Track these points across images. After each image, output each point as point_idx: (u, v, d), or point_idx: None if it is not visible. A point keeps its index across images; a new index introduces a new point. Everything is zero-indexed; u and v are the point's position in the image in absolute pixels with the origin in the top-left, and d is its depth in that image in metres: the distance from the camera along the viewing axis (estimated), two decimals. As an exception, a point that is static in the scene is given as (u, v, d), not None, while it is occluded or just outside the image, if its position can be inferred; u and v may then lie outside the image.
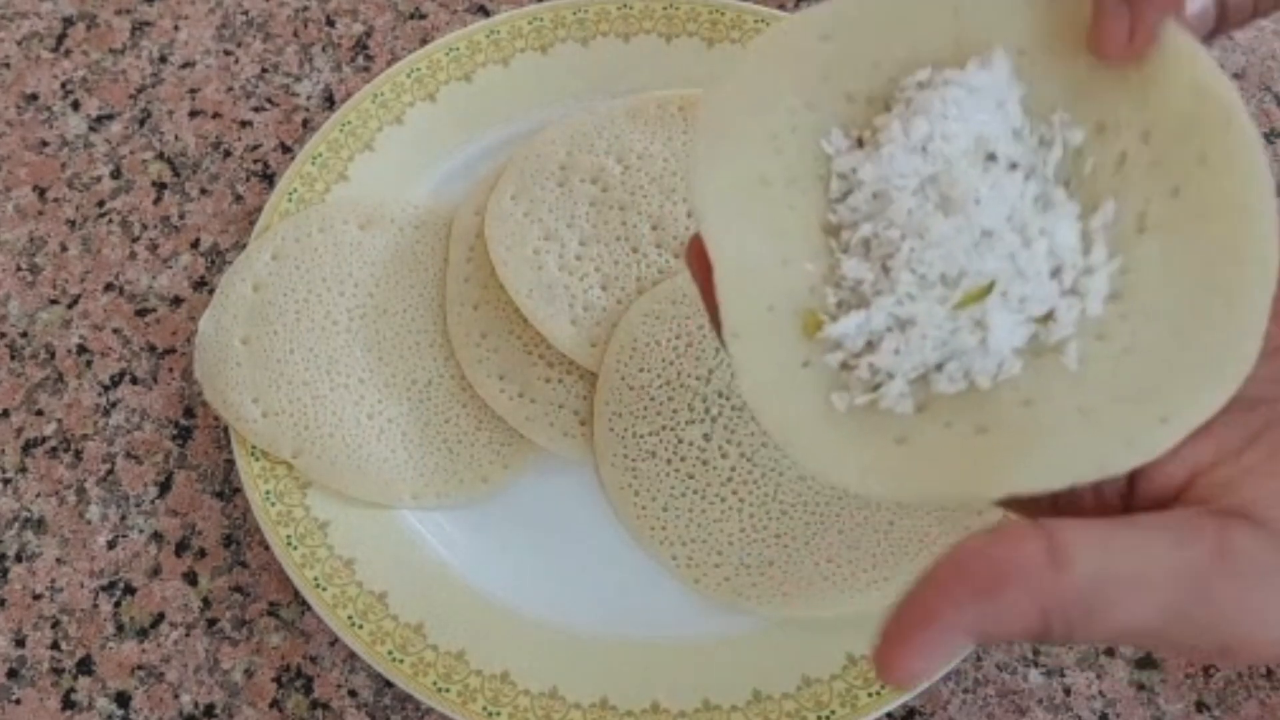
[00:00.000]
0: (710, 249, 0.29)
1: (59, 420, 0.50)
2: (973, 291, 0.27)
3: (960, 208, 0.27)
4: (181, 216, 0.54)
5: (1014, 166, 0.28)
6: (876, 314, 0.27)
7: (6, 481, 0.49)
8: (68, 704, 0.45)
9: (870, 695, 0.42)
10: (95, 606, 0.47)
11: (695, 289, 0.47)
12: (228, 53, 0.57)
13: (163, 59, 0.57)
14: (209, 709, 0.45)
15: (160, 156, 0.55)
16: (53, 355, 0.51)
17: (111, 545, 0.48)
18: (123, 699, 0.45)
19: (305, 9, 0.58)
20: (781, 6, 0.56)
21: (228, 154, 0.55)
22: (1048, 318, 0.27)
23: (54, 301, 0.52)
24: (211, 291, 0.51)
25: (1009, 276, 0.27)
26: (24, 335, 0.51)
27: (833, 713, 0.42)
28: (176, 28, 0.58)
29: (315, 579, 0.44)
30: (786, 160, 0.29)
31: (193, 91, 0.56)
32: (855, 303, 0.28)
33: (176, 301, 0.52)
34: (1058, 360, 0.26)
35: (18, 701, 0.45)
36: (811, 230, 0.29)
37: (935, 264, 0.27)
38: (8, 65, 0.57)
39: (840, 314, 0.28)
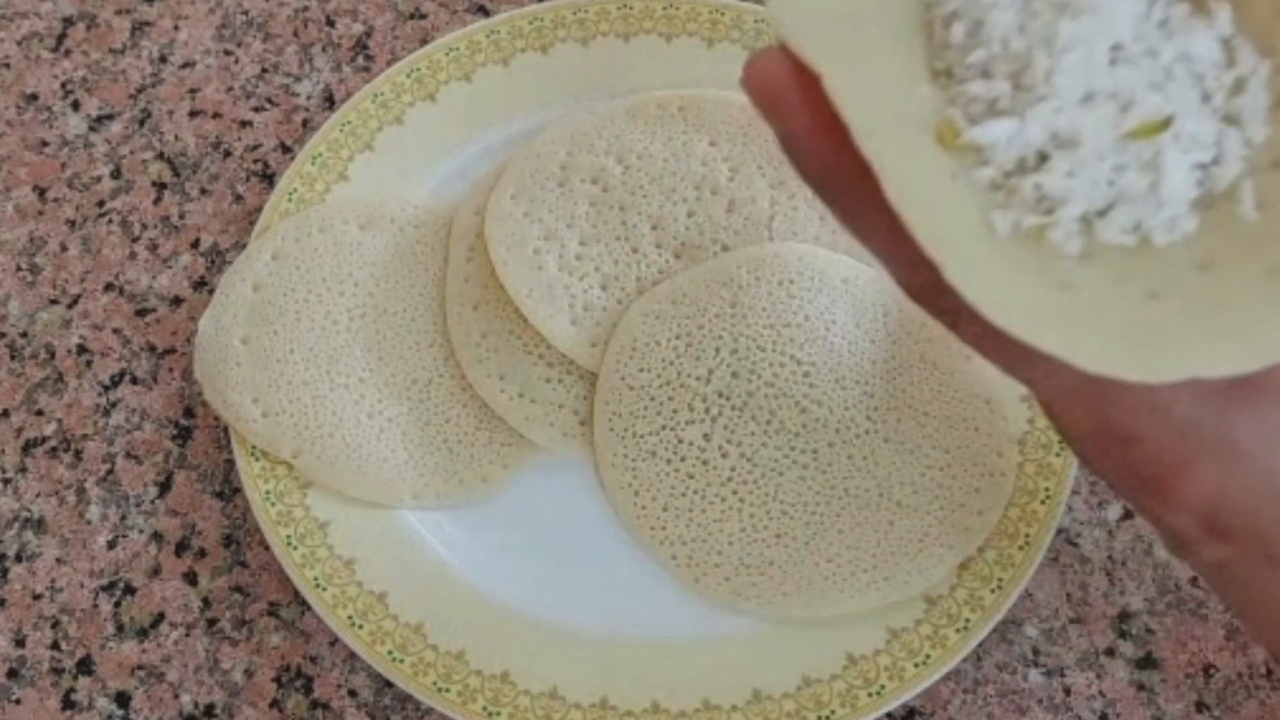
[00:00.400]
0: (810, 57, 0.22)
1: (59, 420, 0.50)
2: (1149, 123, 0.22)
3: (1086, 7, 0.22)
4: (181, 216, 0.54)
5: None
6: (1033, 123, 0.22)
7: (6, 481, 0.49)
8: (68, 704, 0.45)
9: (870, 695, 0.42)
10: (95, 606, 0.47)
11: (695, 287, 0.48)
12: (228, 53, 0.57)
13: (163, 59, 0.57)
14: (209, 709, 0.45)
15: (160, 156, 0.55)
16: (53, 355, 0.51)
17: (111, 545, 0.48)
18: (123, 699, 0.45)
19: (305, 9, 0.58)
20: (781, 6, 0.56)
21: (228, 154, 0.55)
22: (1213, 160, 0.22)
23: (54, 301, 0.52)
24: (211, 291, 0.51)
25: (1183, 107, 0.22)
26: (24, 335, 0.51)
27: (833, 713, 0.42)
28: (176, 28, 0.58)
29: (315, 579, 0.44)
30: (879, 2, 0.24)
31: (193, 91, 0.56)
32: (994, 115, 0.23)
33: (176, 301, 0.52)
34: (1232, 211, 0.22)
35: (18, 701, 0.45)
36: (917, 71, 0.24)
37: (1078, 74, 0.22)
38: (8, 65, 0.57)
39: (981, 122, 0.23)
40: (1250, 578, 0.26)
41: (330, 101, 0.56)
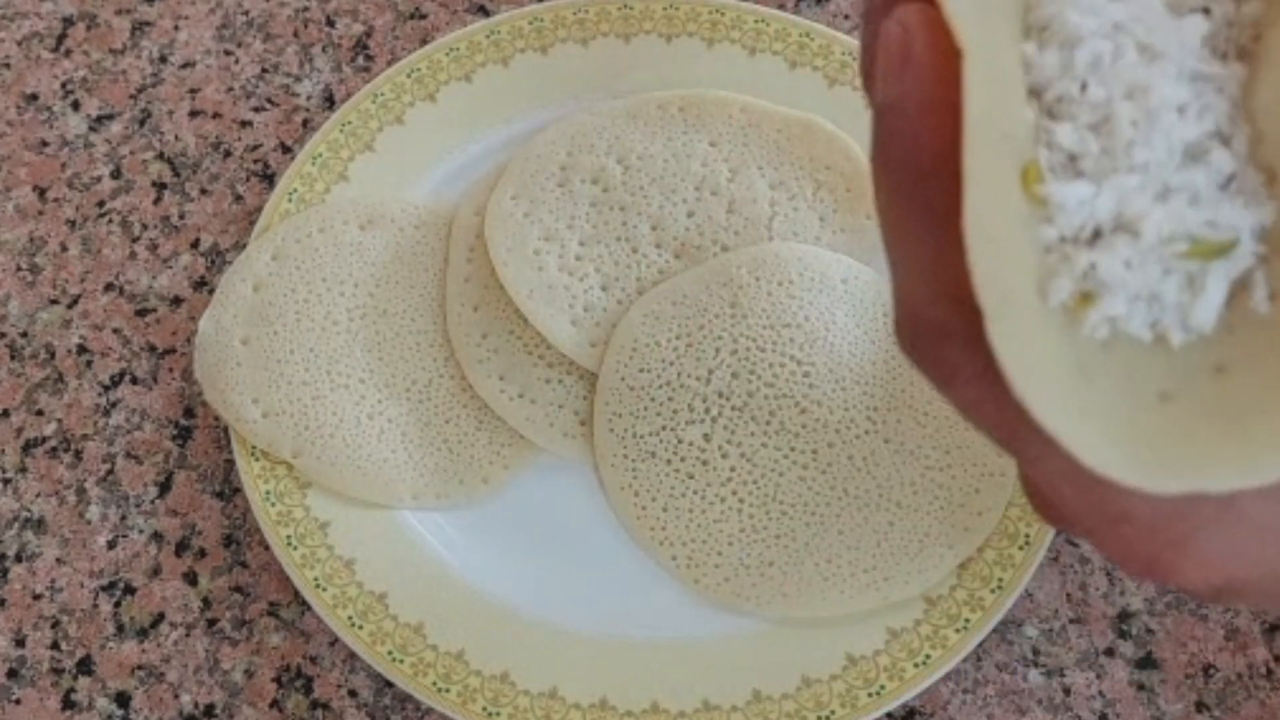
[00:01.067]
0: (961, 33, 0.20)
1: (59, 420, 0.50)
2: (1213, 244, 0.20)
3: (1161, 51, 0.21)
4: (181, 216, 0.54)
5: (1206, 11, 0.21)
6: (1106, 193, 0.20)
7: (6, 481, 0.49)
8: (68, 704, 0.45)
9: (870, 695, 0.42)
10: (95, 606, 0.47)
11: (695, 287, 0.48)
12: (228, 53, 0.57)
13: (163, 59, 0.57)
14: (209, 709, 0.45)
15: (160, 156, 0.55)
16: (53, 355, 0.51)
17: (111, 545, 0.48)
18: (123, 699, 0.45)
19: (305, 9, 0.58)
20: (781, 6, 0.56)
21: (228, 154, 0.55)
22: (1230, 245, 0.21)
23: (54, 301, 0.52)
24: (211, 291, 0.51)
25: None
26: (24, 335, 0.51)
27: (833, 713, 0.42)
28: (176, 28, 0.58)
29: (315, 579, 0.44)
30: None
31: (193, 91, 0.56)
32: (1073, 174, 0.21)
33: (176, 301, 0.52)
34: (1244, 304, 0.21)
35: (18, 701, 0.45)
36: (1018, 82, 0.22)
37: (1169, 138, 0.21)
38: (8, 65, 0.57)
39: (1059, 178, 0.21)
40: (1267, 608, 0.24)
41: (330, 101, 0.56)
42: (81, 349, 0.51)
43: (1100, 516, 0.22)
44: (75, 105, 0.56)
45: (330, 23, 0.58)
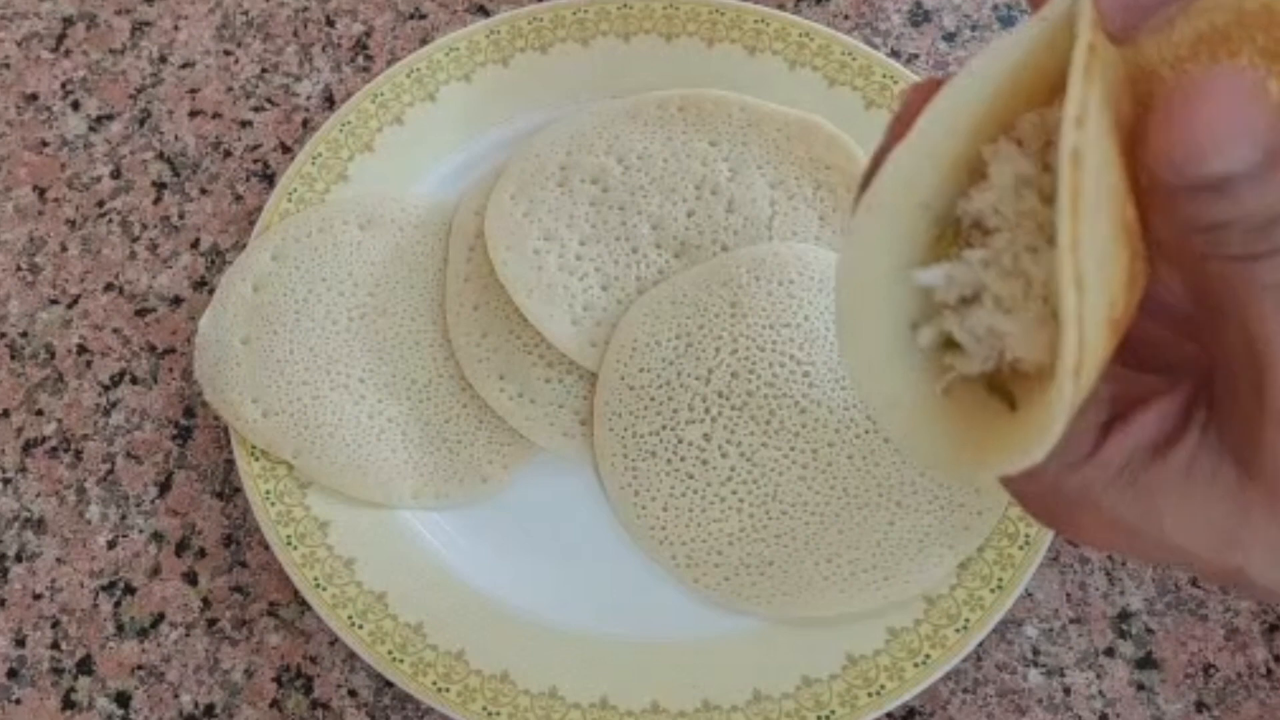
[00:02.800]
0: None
1: (59, 420, 0.50)
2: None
3: None
4: (181, 216, 0.54)
5: None
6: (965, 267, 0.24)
7: (6, 481, 0.49)
8: (68, 704, 0.45)
9: (870, 695, 0.42)
10: (95, 606, 0.47)
11: (695, 287, 0.48)
12: (228, 53, 0.57)
13: (163, 59, 0.57)
14: (209, 709, 0.45)
15: (160, 156, 0.55)
16: (53, 355, 0.51)
17: (111, 545, 0.48)
18: (123, 699, 0.45)
19: (305, 9, 0.58)
20: (781, 6, 0.56)
21: (228, 154, 0.55)
22: None
23: (54, 301, 0.52)
24: (211, 291, 0.51)
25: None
26: (24, 335, 0.51)
27: (833, 713, 0.42)
28: (176, 28, 0.58)
29: (315, 579, 0.44)
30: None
31: (193, 91, 0.56)
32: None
33: (176, 301, 0.52)
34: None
35: (18, 701, 0.45)
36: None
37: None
38: (8, 65, 0.57)
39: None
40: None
41: (330, 101, 0.56)
42: (81, 349, 0.51)
43: (1011, 493, 0.28)
44: (75, 105, 0.56)
45: (330, 23, 0.58)
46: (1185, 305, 0.26)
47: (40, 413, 0.50)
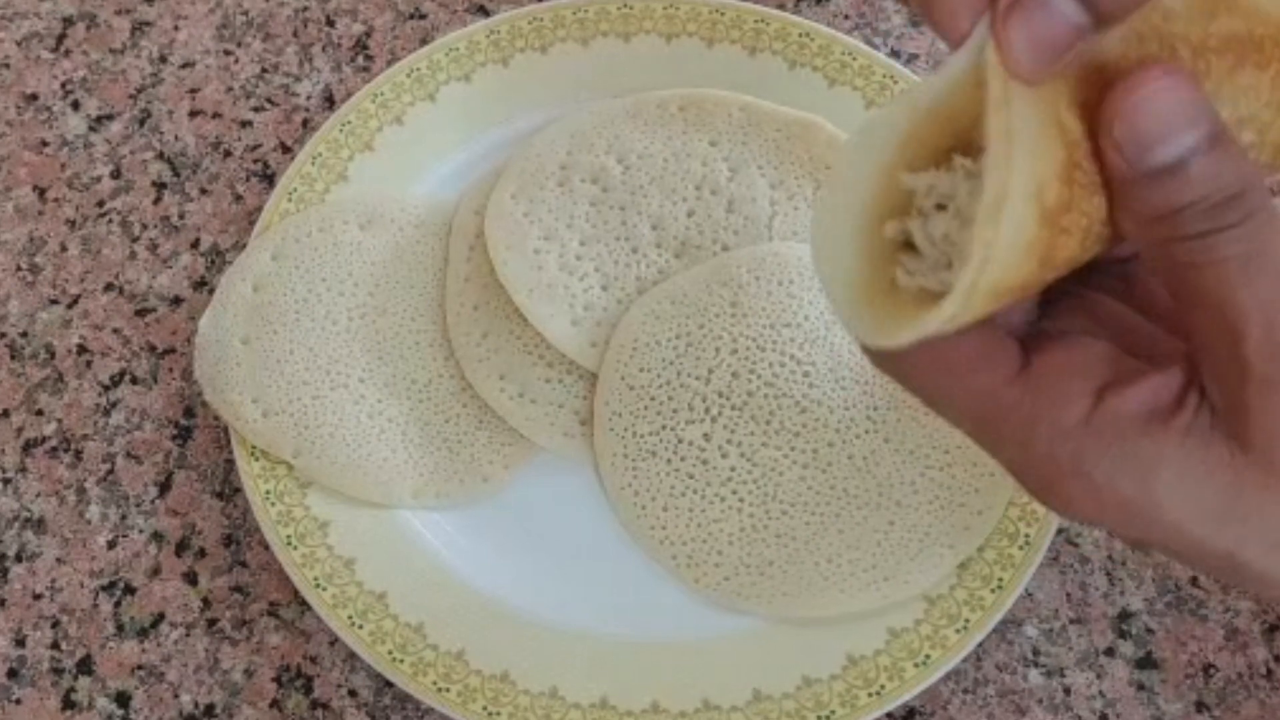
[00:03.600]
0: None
1: (59, 420, 0.50)
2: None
3: None
4: (181, 216, 0.54)
5: None
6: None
7: (6, 481, 0.49)
8: (68, 704, 0.45)
9: (870, 695, 0.42)
10: (95, 606, 0.47)
11: (695, 287, 0.48)
12: (228, 53, 0.57)
13: (163, 59, 0.57)
14: (209, 709, 0.45)
15: (160, 156, 0.55)
16: (53, 355, 0.51)
17: (111, 545, 0.48)
18: (123, 699, 0.45)
19: (305, 9, 0.58)
20: (781, 6, 0.56)
21: (228, 154, 0.55)
22: None
23: (54, 301, 0.52)
24: (211, 291, 0.51)
25: None
26: (24, 335, 0.51)
27: (833, 713, 0.42)
28: (176, 28, 0.58)
29: (315, 579, 0.44)
30: None
31: (193, 91, 0.56)
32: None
33: (176, 301, 0.52)
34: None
35: (18, 701, 0.45)
36: None
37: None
38: (8, 65, 0.57)
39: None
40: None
41: (330, 101, 0.56)
42: (81, 349, 0.51)
43: (1005, 465, 0.28)
44: (75, 105, 0.56)
45: (330, 23, 0.58)
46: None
47: (40, 413, 0.50)
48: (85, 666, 0.46)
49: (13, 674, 0.46)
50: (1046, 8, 0.23)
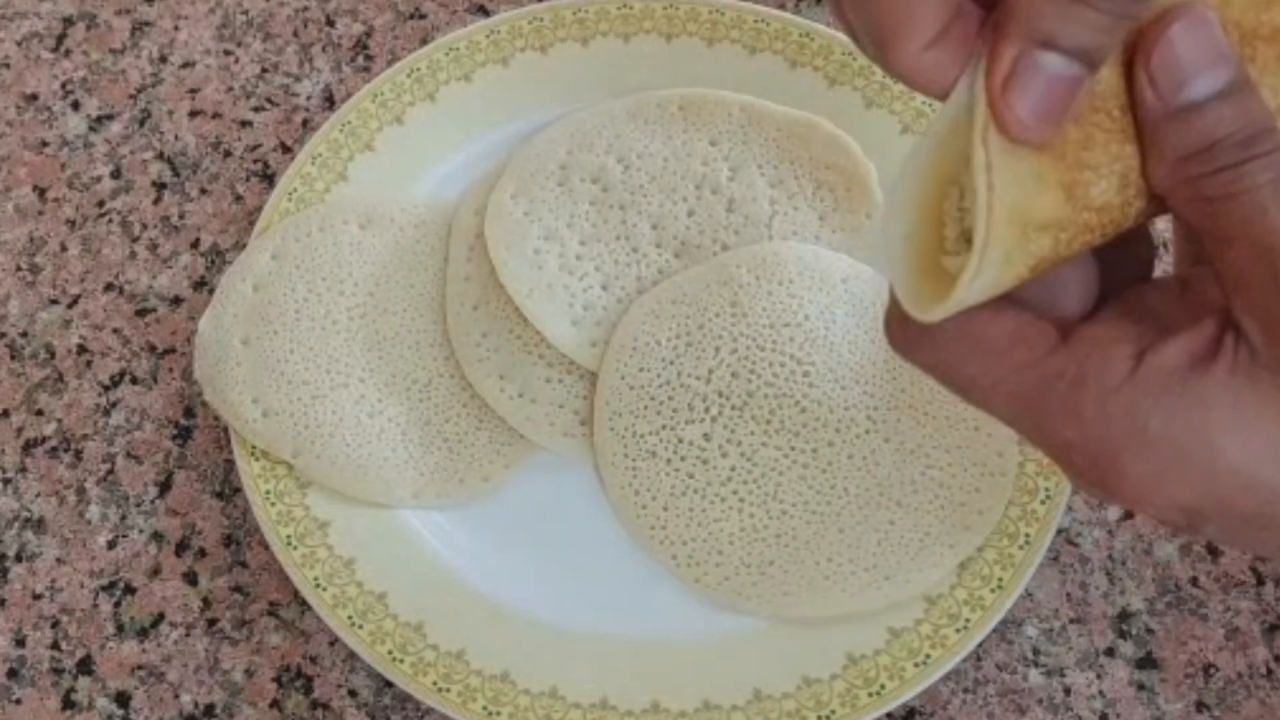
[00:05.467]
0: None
1: (59, 420, 0.50)
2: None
3: None
4: (181, 216, 0.54)
5: None
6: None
7: (6, 481, 0.49)
8: (68, 704, 0.45)
9: (870, 695, 0.42)
10: (95, 606, 0.47)
11: (695, 287, 0.48)
12: (228, 53, 0.57)
13: (163, 59, 0.57)
14: (209, 709, 0.45)
15: (160, 156, 0.55)
16: (53, 355, 0.51)
17: (111, 545, 0.48)
18: (123, 699, 0.45)
19: (305, 9, 0.58)
20: (781, 6, 0.56)
21: (228, 154, 0.55)
22: None
23: (54, 301, 0.52)
24: (211, 291, 0.51)
25: None
26: (24, 335, 0.51)
27: (833, 713, 0.42)
28: (176, 28, 0.58)
29: (315, 579, 0.44)
30: None
31: (193, 91, 0.56)
32: None
33: (176, 301, 0.52)
34: None
35: (18, 701, 0.45)
36: None
37: None
38: (8, 65, 0.57)
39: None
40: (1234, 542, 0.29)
41: (330, 101, 0.56)
42: (81, 349, 0.51)
43: (1053, 451, 0.27)
44: (75, 105, 0.56)
45: (330, 23, 0.58)
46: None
47: (40, 413, 0.50)
48: (85, 666, 0.46)
49: (13, 674, 0.46)
50: (1041, 72, 0.24)
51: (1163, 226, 0.42)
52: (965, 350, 0.27)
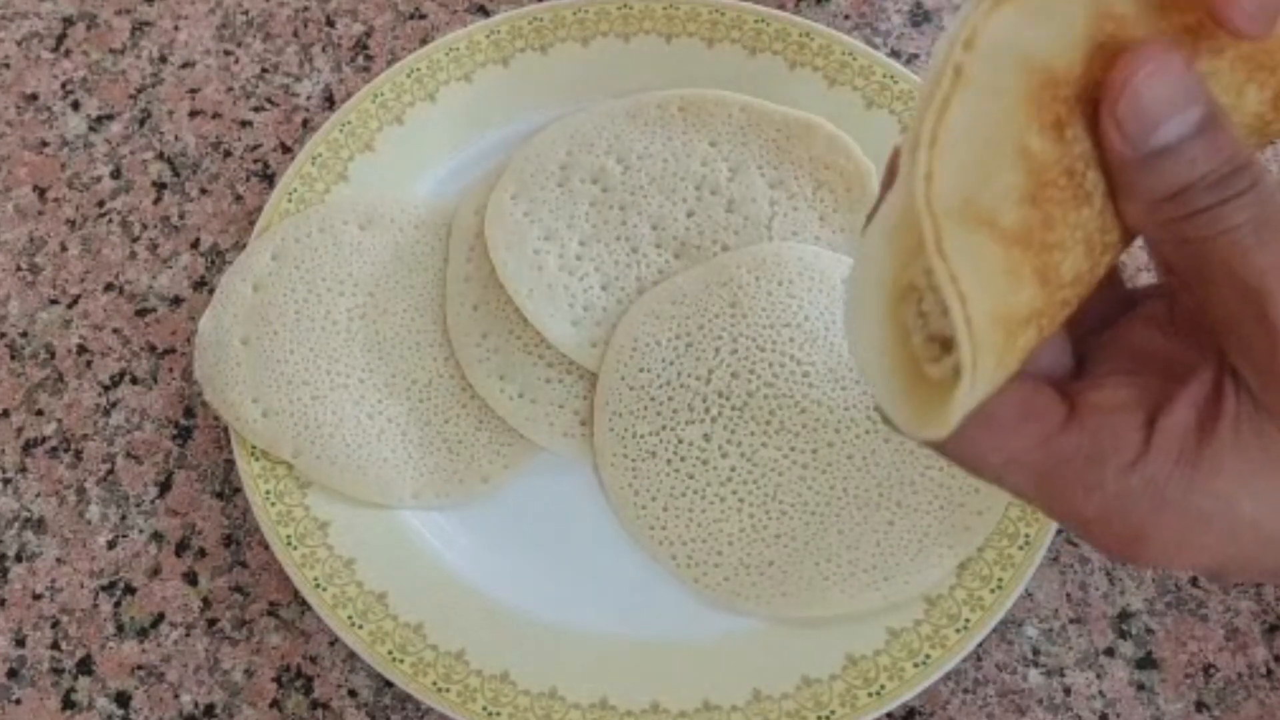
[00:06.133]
0: None
1: (59, 420, 0.50)
2: None
3: None
4: (181, 216, 0.54)
5: None
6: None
7: (6, 481, 0.49)
8: (68, 704, 0.45)
9: (870, 695, 0.42)
10: (95, 606, 0.47)
11: (695, 287, 0.48)
12: (228, 53, 0.57)
13: (163, 59, 0.57)
14: (209, 709, 0.45)
15: (160, 156, 0.55)
16: (53, 355, 0.51)
17: (111, 545, 0.48)
18: (123, 699, 0.45)
19: (305, 9, 0.58)
20: (781, 6, 0.56)
21: (228, 154, 0.55)
22: None
23: (54, 301, 0.52)
24: (211, 291, 0.51)
25: None
26: (24, 335, 0.51)
27: (833, 713, 0.42)
28: (176, 28, 0.58)
29: (315, 579, 0.44)
30: None
31: (193, 91, 0.56)
32: None
33: (176, 301, 0.52)
34: None
35: (18, 701, 0.45)
36: None
37: None
38: (8, 65, 0.57)
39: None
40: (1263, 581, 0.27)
41: (330, 101, 0.56)
42: (81, 349, 0.51)
43: (1069, 523, 0.27)
44: (75, 105, 0.56)
45: (330, 23, 0.58)
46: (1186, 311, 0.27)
47: (40, 413, 0.50)
48: (85, 666, 0.46)
49: (13, 674, 0.46)
50: None
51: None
52: (972, 429, 0.26)
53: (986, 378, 0.24)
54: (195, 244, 0.53)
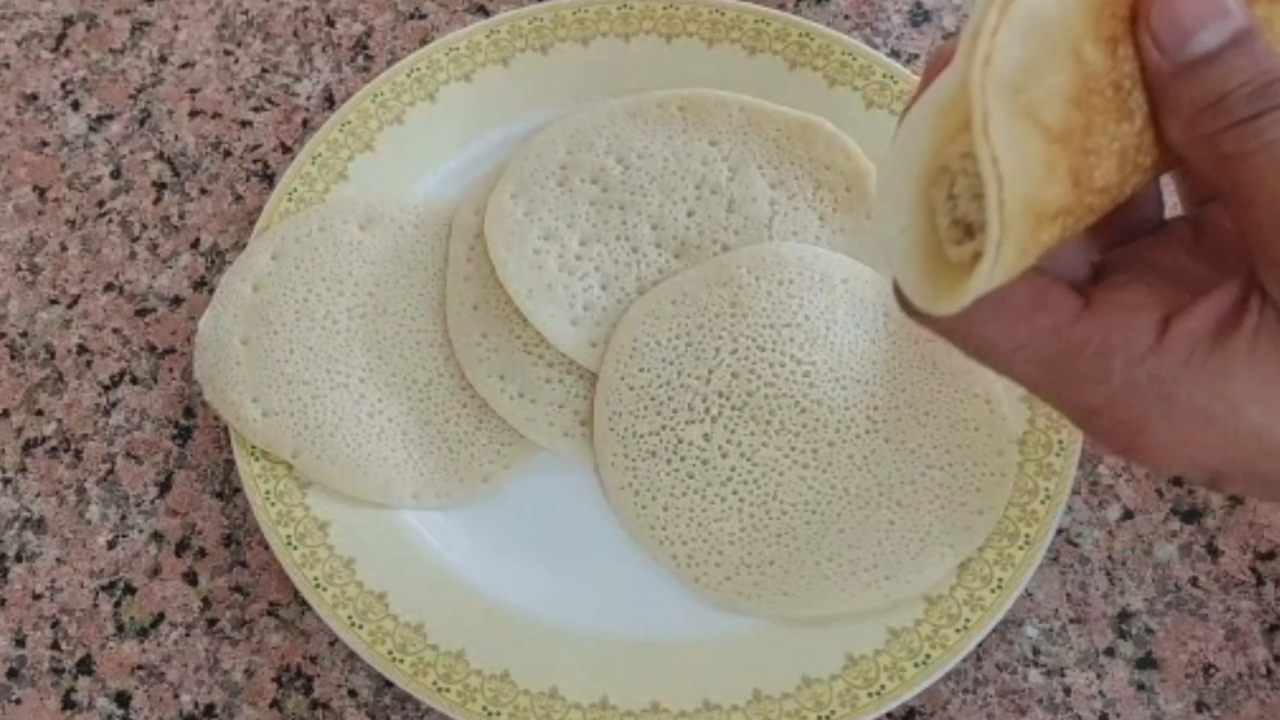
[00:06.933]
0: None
1: (59, 420, 0.50)
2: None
3: None
4: (181, 216, 0.54)
5: None
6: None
7: (6, 481, 0.49)
8: (68, 704, 0.45)
9: (870, 695, 0.42)
10: (95, 606, 0.47)
11: (695, 287, 0.48)
12: (228, 53, 0.57)
13: (163, 59, 0.57)
14: (209, 709, 0.45)
15: (160, 156, 0.55)
16: (53, 355, 0.51)
17: (111, 545, 0.48)
18: (123, 699, 0.45)
19: (305, 9, 0.58)
20: (782, 6, 0.56)
21: (228, 154, 0.55)
22: None
23: (54, 301, 0.52)
24: (211, 291, 0.51)
25: None
26: (24, 335, 0.51)
27: (833, 713, 0.42)
28: (176, 28, 0.58)
29: (315, 579, 0.44)
30: None
31: (193, 91, 0.56)
32: None
33: (176, 301, 0.52)
34: None
35: (18, 701, 0.45)
36: None
37: None
38: (8, 65, 0.57)
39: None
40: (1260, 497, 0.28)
41: (330, 101, 0.56)
42: (81, 349, 0.51)
43: (1075, 414, 0.27)
44: (75, 105, 0.56)
45: (330, 23, 0.58)
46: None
47: (40, 413, 0.50)
48: (85, 666, 0.46)
49: (13, 674, 0.46)
50: None
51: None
52: (985, 312, 0.26)
53: (1006, 264, 0.25)
54: (195, 244, 0.53)
